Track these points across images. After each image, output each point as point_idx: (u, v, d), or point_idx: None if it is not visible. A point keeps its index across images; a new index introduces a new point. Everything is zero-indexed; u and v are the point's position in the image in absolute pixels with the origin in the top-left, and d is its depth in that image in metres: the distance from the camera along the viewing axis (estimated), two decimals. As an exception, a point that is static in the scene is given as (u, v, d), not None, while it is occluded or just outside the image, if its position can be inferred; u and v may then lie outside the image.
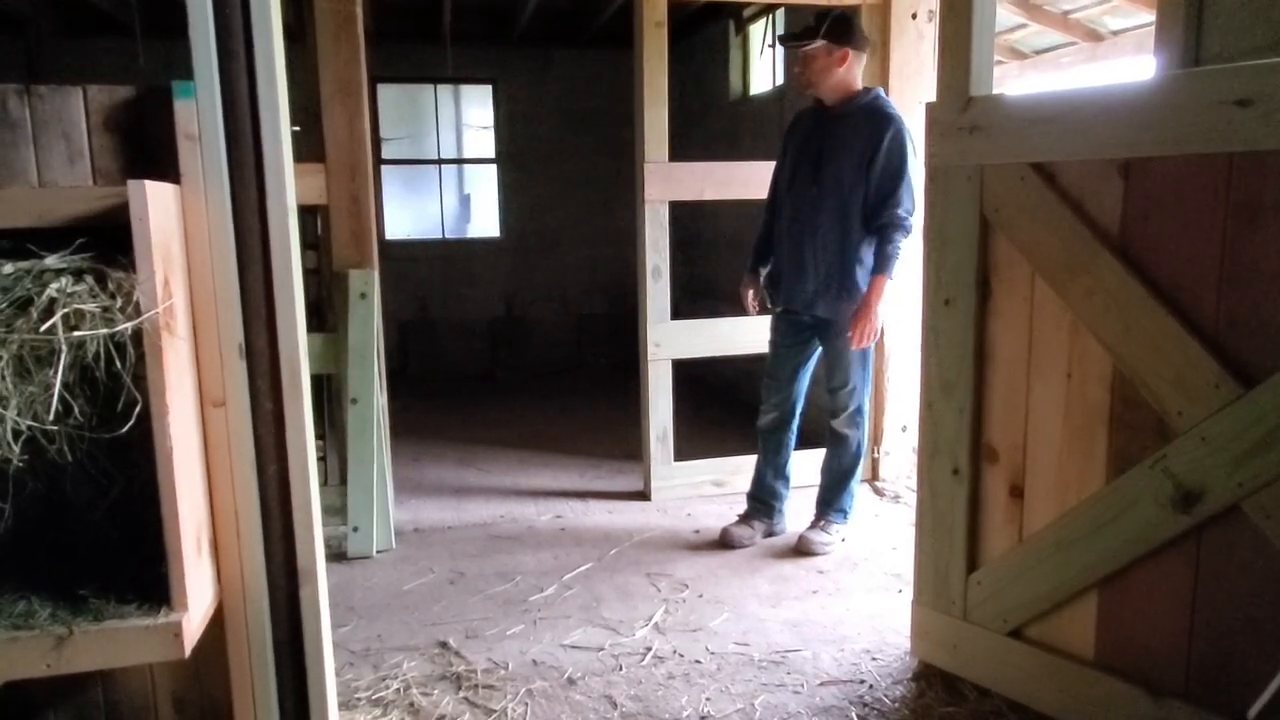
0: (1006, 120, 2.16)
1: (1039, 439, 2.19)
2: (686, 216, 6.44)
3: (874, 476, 4.19)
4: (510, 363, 7.32)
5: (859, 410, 3.31)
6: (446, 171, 7.82)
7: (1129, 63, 4.65)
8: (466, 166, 8.11)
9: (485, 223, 7.86)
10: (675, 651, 2.62)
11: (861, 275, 3.13)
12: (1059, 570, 2.13)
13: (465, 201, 8.21)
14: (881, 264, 3.08)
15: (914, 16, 3.90)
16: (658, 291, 3.91)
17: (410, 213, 7.90)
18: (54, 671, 1.67)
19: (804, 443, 3.76)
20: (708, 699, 2.36)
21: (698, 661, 2.56)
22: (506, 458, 4.78)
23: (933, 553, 2.42)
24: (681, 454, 4.06)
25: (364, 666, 2.56)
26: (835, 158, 3.12)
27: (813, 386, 3.52)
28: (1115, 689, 2.04)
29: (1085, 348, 2.07)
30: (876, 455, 4.20)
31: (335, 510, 3.45)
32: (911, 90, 3.92)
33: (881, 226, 3.08)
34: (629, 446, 4.61)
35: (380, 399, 3.51)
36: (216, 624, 1.96)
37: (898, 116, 3.11)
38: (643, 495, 4.06)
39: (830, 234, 3.14)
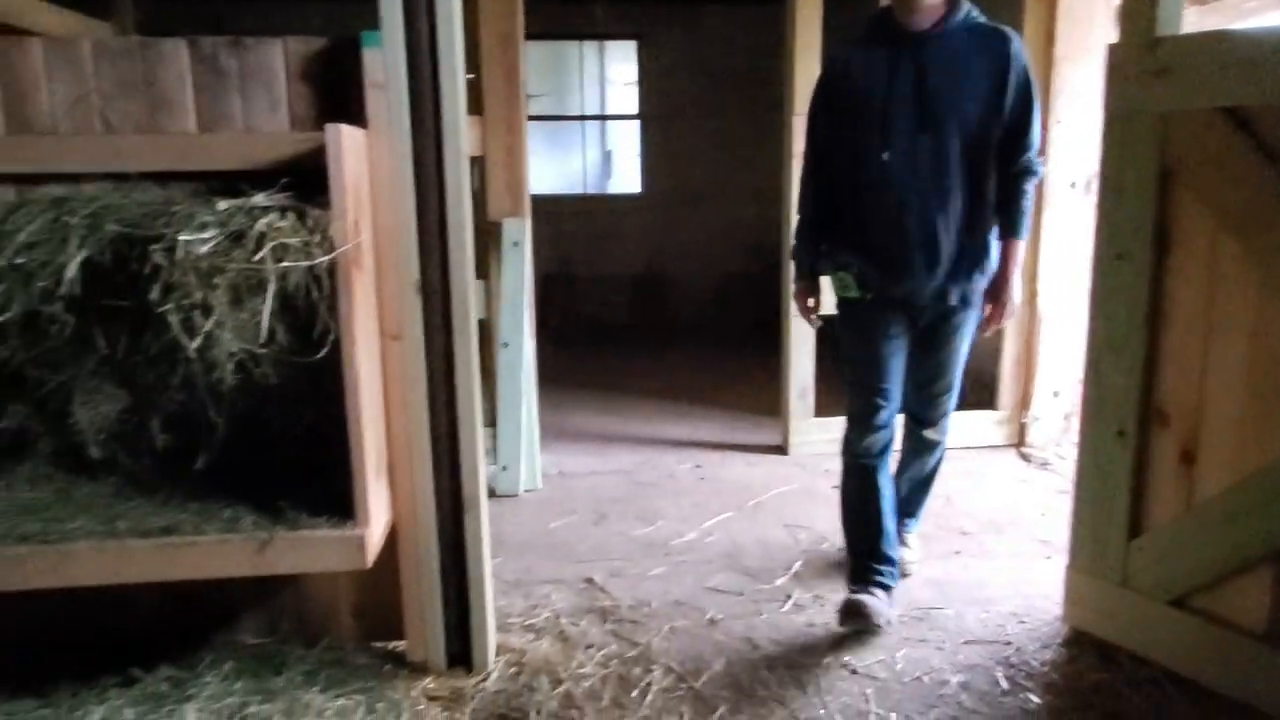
0: (1197, 62, 2.03)
1: (1216, 402, 2.07)
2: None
3: (1021, 442, 4.06)
4: (650, 318, 7.42)
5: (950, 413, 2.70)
6: (589, 128, 7.92)
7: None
8: (609, 123, 8.20)
9: (627, 179, 7.95)
10: (816, 600, 2.64)
11: (993, 241, 2.44)
12: (1231, 539, 2.02)
13: (607, 158, 8.31)
14: (1017, 223, 2.40)
15: (1089, -45, 3.66)
16: (803, 247, 3.86)
17: (553, 168, 8.07)
18: (256, 572, 1.86)
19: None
20: (848, 648, 2.38)
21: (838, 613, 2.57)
22: (646, 408, 4.88)
23: (1091, 517, 2.34)
24: (821, 410, 4.04)
25: (515, 595, 2.71)
26: (953, 92, 2.31)
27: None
28: (1289, 667, 1.94)
29: (1274, 308, 1.94)
30: (1025, 420, 4.06)
31: (485, 450, 3.62)
32: (1080, 35, 3.70)
33: (1015, 175, 2.37)
34: (767, 402, 4.62)
35: (529, 344, 3.65)
36: (390, 543, 2.12)
37: (1013, 32, 2.38)
38: (781, 450, 4.07)
39: (961, 195, 2.33)
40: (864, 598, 2.42)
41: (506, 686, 2.18)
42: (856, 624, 2.40)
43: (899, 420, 2.63)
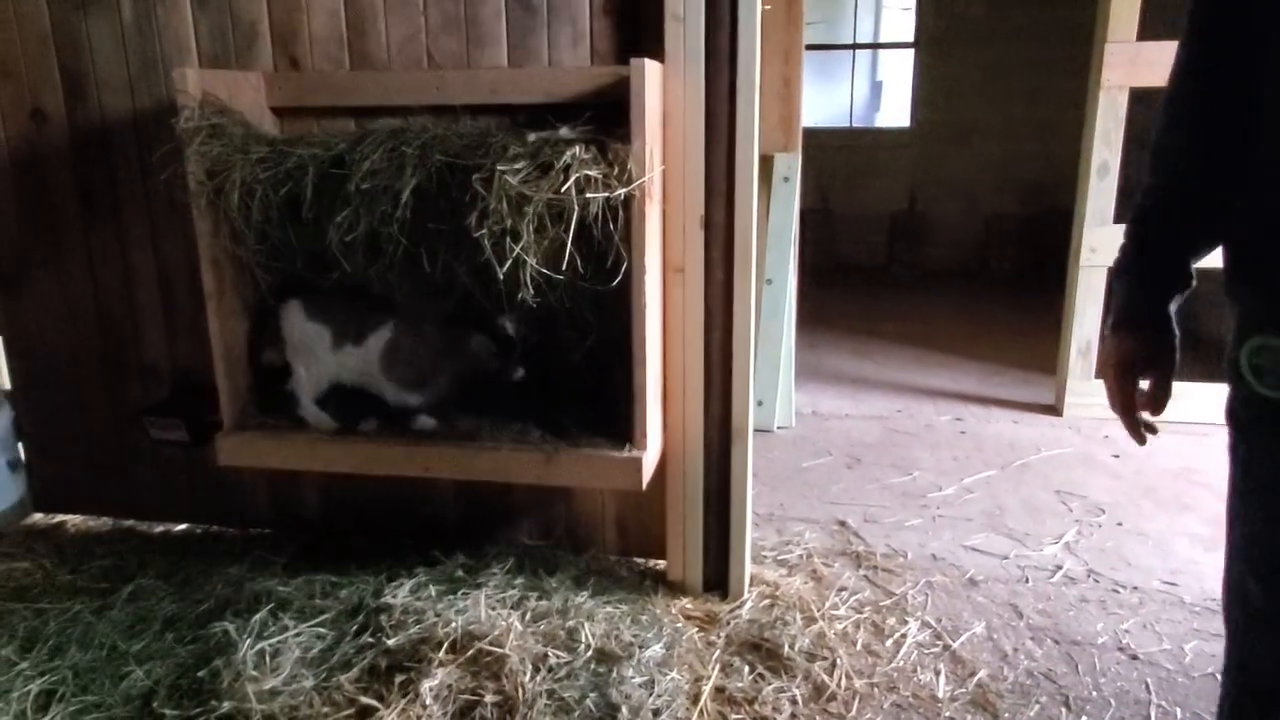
0: None
1: None
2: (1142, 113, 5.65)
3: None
4: (907, 259, 7.11)
5: None
6: (859, 57, 7.59)
7: None
8: (881, 52, 7.81)
9: (895, 112, 7.57)
10: (1090, 575, 2.47)
11: None
12: None
13: (876, 89, 7.95)
14: None
15: None
16: (1101, 191, 3.52)
17: (818, 100, 7.84)
18: (541, 482, 2.01)
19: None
20: (1126, 630, 2.21)
21: (1115, 591, 2.39)
22: (902, 354, 4.71)
23: None
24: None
25: (768, 529, 2.75)
26: None
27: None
28: None
29: None
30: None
31: (741, 384, 3.67)
32: None
33: None
34: (1036, 357, 4.32)
35: (792, 282, 3.61)
36: (657, 466, 2.21)
37: None
38: (1052, 409, 3.80)
39: None
40: None
41: (760, 617, 2.22)
42: None
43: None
